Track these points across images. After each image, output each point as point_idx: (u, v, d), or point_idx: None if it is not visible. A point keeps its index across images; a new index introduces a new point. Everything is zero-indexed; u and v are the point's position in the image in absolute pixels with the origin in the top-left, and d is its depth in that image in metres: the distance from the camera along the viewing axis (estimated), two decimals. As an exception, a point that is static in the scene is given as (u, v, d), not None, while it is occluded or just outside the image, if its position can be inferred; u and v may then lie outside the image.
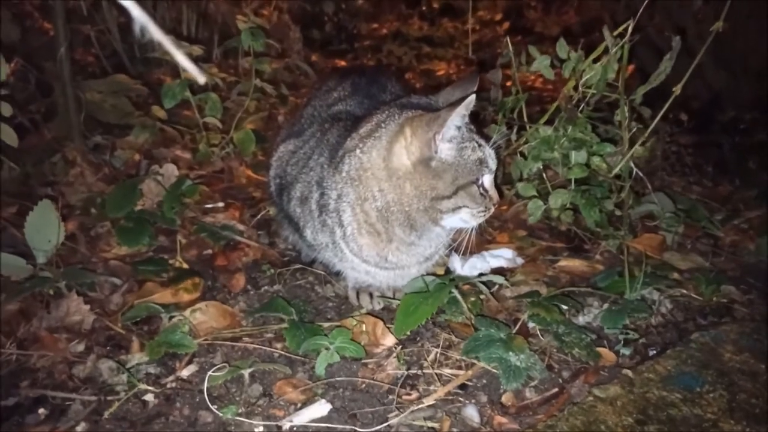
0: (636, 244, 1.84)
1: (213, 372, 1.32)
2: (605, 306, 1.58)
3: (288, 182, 1.64)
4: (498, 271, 1.74)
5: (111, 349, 1.46)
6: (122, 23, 3.04)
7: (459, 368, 1.38)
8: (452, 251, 1.73)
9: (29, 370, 1.38)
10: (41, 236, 1.66)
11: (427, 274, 1.59)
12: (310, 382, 1.34)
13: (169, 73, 3.09)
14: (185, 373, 1.37)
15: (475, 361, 1.38)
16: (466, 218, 1.40)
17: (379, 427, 1.19)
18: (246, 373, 1.33)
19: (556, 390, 1.31)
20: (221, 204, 2.16)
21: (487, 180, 1.39)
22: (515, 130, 1.99)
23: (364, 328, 1.49)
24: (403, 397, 1.29)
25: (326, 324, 1.53)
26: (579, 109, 1.80)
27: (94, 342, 1.47)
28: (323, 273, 1.76)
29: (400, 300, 1.50)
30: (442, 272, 1.72)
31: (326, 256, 1.61)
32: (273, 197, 1.79)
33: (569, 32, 5.07)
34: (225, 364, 1.36)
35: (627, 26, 1.62)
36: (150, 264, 1.75)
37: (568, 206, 1.93)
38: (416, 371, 1.37)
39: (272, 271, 1.78)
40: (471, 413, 1.23)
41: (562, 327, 1.47)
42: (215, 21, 3.52)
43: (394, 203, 1.38)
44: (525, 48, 2.00)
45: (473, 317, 1.51)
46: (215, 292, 1.69)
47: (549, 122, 1.91)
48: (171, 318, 1.50)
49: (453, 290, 1.52)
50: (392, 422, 1.21)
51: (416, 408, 1.24)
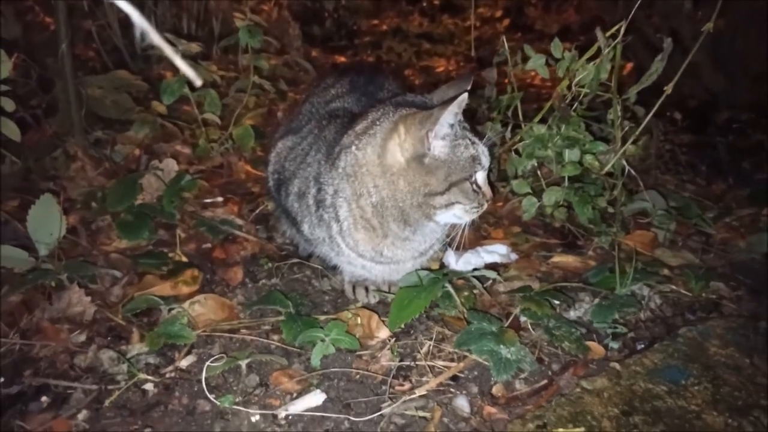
0: (628, 241, 1.87)
1: (211, 362, 1.35)
2: (596, 301, 1.61)
3: (286, 178, 1.67)
4: (492, 267, 1.77)
5: (111, 340, 1.49)
6: (123, 19, 3.06)
7: (451, 360, 1.41)
8: (447, 247, 1.76)
9: (32, 360, 1.41)
10: (43, 229, 1.69)
11: (422, 269, 1.62)
12: (306, 373, 1.37)
13: (169, 69, 3.12)
14: (184, 364, 1.41)
15: (467, 354, 1.41)
16: (459, 214, 1.42)
17: (372, 416, 1.23)
18: (243, 364, 1.37)
19: (546, 382, 1.34)
20: (220, 199, 2.19)
21: (480, 177, 1.42)
22: (510, 128, 2.02)
23: (359, 321, 1.52)
24: (396, 388, 1.32)
25: (322, 317, 1.57)
26: (572, 108, 1.83)
27: (95, 333, 1.51)
28: (320, 267, 1.79)
29: (395, 294, 1.54)
30: (437, 267, 1.75)
31: (323, 251, 1.64)
32: (271, 192, 1.82)
33: (569, 30, 5.10)
34: (223, 355, 1.39)
35: (620, 27, 1.64)
36: (150, 257, 1.78)
37: (562, 203, 1.95)
38: (409, 363, 1.41)
39: (270, 265, 1.81)
40: (461, 403, 1.27)
41: (553, 321, 1.50)
42: (215, 17, 3.54)
43: (389, 199, 1.41)
44: (524, 45, 2.02)
45: (466, 311, 1.54)
46: (214, 285, 1.73)
47: (543, 121, 1.94)
48: (170, 310, 1.54)
49: (446, 285, 1.55)
50: (385, 412, 1.24)
51: (408, 398, 1.27)
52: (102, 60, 3.08)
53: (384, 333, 1.50)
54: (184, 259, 1.81)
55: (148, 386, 1.34)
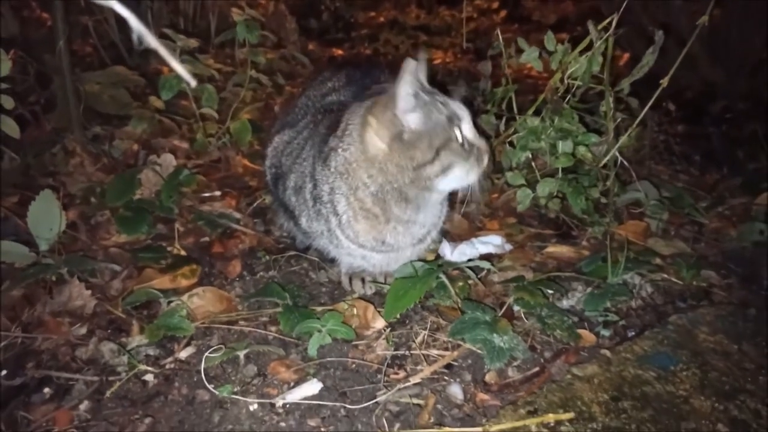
0: (621, 231, 1.90)
1: (210, 353, 1.38)
2: (588, 290, 1.64)
3: (283, 172, 1.69)
4: (487, 257, 1.80)
5: (112, 332, 1.52)
6: (119, 14, 3.07)
7: (445, 349, 1.44)
8: (442, 238, 1.79)
9: (34, 353, 1.44)
10: (43, 225, 1.71)
11: (418, 260, 1.64)
12: (303, 363, 1.40)
13: (167, 64, 3.12)
14: (183, 355, 1.43)
15: (461, 343, 1.44)
16: (461, 175, 1.42)
17: (368, 404, 1.26)
18: (241, 355, 1.39)
19: (538, 369, 1.37)
20: (218, 193, 2.21)
21: (467, 129, 1.41)
22: (504, 121, 2.04)
23: (356, 312, 1.55)
24: (391, 376, 1.35)
25: (319, 308, 1.59)
26: (565, 101, 1.84)
27: (96, 325, 1.53)
28: (317, 259, 1.81)
29: (391, 285, 1.56)
30: (433, 258, 1.78)
31: (321, 243, 1.66)
32: (269, 186, 1.84)
33: (566, 21, 5.09)
34: (221, 346, 1.42)
35: (611, 20, 1.66)
36: (149, 251, 1.81)
37: (556, 194, 1.98)
38: (404, 352, 1.43)
39: (267, 258, 1.84)
40: (455, 391, 1.29)
41: (546, 310, 1.52)
42: (212, 11, 3.55)
43: (386, 183, 1.43)
44: (521, 37, 2.03)
45: (461, 301, 1.56)
46: (212, 278, 1.75)
47: (537, 113, 1.96)
48: (169, 303, 1.56)
49: (441, 275, 1.57)
50: (380, 399, 1.27)
51: (403, 386, 1.30)
52: (99, 55, 3.09)
53: (380, 323, 1.53)
54: (183, 253, 1.83)
55: (149, 377, 1.37)
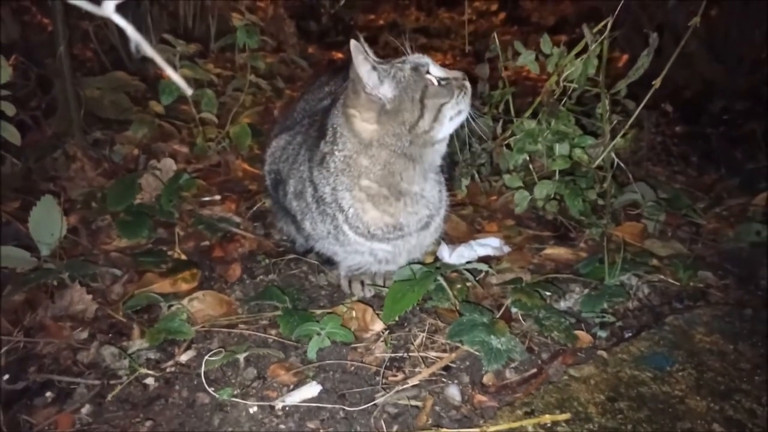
0: (618, 232, 1.91)
1: (210, 357, 1.39)
2: (586, 291, 1.65)
3: (282, 178, 1.71)
4: (485, 260, 1.81)
5: (113, 336, 1.53)
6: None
7: (444, 351, 1.45)
8: (441, 240, 1.80)
9: (36, 357, 1.46)
10: (45, 230, 1.73)
11: (417, 263, 1.65)
12: (302, 366, 1.41)
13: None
14: (184, 358, 1.45)
15: (459, 345, 1.45)
16: (453, 112, 1.45)
17: (366, 406, 1.27)
18: (241, 358, 1.41)
19: (535, 370, 1.38)
20: (218, 197, 2.22)
21: (436, 70, 1.45)
22: (501, 123, 2.05)
23: (354, 315, 1.56)
24: (390, 379, 1.36)
25: (318, 311, 1.60)
26: (562, 103, 1.85)
27: (97, 329, 1.55)
28: (316, 262, 1.82)
29: (390, 287, 1.57)
30: (431, 260, 1.79)
31: (324, 245, 1.67)
32: (269, 190, 1.85)
33: (565, 22, 5.10)
34: (221, 350, 1.43)
35: (606, 22, 1.67)
36: (149, 255, 1.82)
37: (554, 196, 1.98)
38: (403, 354, 1.45)
39: (267, 261, 1.85)
40: (453, 392, 1.31)
41: (543, 312, 1.54)
42: (212, 15, 3.56)
43: (390, 156, 1.45)
44: (521, 38, 2.05)
45: (459, 303, 1.58)
46: (212, 282, 1.76)
47: (534, 115, 1.97)
48: (170, 306, 1.57)
49: (439, 278, 1.58)
50: (378, 401, 1.28)
51: (401, 388, 1.31)
52: (99, 59, 3.11)
53: (378, 326, 1.54)
54: (183, 257, 1.85)
55: (149, 380, 1.38)
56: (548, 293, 1.64)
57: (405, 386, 1.32)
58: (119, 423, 1.27)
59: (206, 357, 1.39)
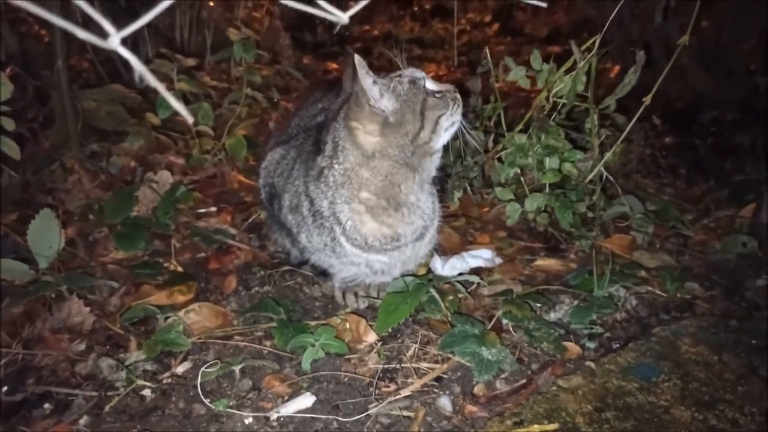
0: (607, 244, 1.95)
1: (206, 368, 1.42)
2: (575, 303, 1.68)
3: (277, 192, 1.74)
4: (477, 271, 1.84)
5: (110, 348, 1.55)
6: (116, 30, 3.11)
7: (435, 362, 1.48)
8: (434, 252, 1.83)
9: (34, 368, 1.47)
10: (43, 243, 1.74)
11: (410, 275, 1.69)
12: (297, 377, 1.43)
13: (162, 80, 3.18)
14: (180, 370, 1.47)
15: (451, 356, 1.48)
16: (448, 123, 1.52)
17: (360, 417, 1.29)
18: (237, 369, 1.43)
19: (525, 381, 1.41)
20: (214, 209, 2.25)
21: (431, 84, 1.51)
22: (492, 137, 2.09)
23: (348, 326, 1.59)
24: (383, 389, 1.39)
25: (313, 322, 1.63)
26: (551, 118, 1.90)
27: (95, 341, 1.57)
28: (311, 274, 1.85)
29: (383, 299, 1.60)
30: (424, 272, 1.82)
31: (320, 258, 1.70)
32: (264, 203, 1.88)
33: (559, 33, 5.15)
34: (217, 361, 1.46)
35: (594, 41, 1.72)
36: (146, 267, 1.84)
37: (544, 209, 2.02)
38: (395, 365, 1.47)
39: (262, 273, 1.87)
40: (444, 403, 1.33)
41: (533, 323, 1.57)
42: (208, 27, 3.60)
43: (392, 166, 1.49)
44: (514, 49, 2.09)
45: (450, 315, 1.61)
46: (208, 294, 1.79)
47: (525, 130, 2.01)
48: (166, 318, 1.60)
49: (431, 290, 1.62)
50: (371, 412, 1.31)
51: (394, 399, 1.34)
52: (96, 71, 3.14)
53: (371, 337, 1.57)
54: (179, 269, 1.87)
55: (146, 392, 1.40)
56: (538, 305, 1.67)
57: (397, 397, 1.35)
58: (116, 434, 1.29)
59: (202, 368, 1.42)
